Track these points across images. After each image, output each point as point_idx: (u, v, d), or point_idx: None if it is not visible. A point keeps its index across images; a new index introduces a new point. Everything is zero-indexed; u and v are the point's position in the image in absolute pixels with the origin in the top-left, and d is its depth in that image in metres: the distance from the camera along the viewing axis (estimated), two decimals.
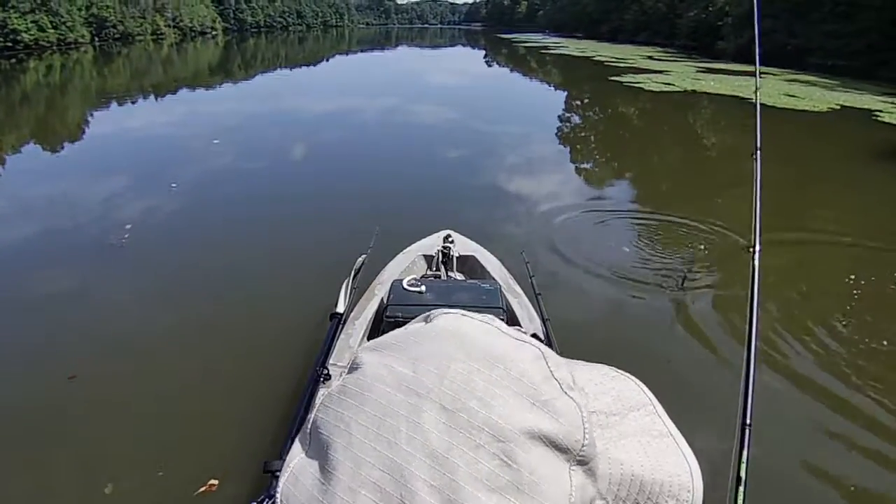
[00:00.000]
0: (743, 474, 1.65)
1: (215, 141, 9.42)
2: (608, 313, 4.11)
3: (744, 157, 2.76)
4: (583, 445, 0.49)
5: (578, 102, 16.21)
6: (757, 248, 2.22)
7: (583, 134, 11.74)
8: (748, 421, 1.75)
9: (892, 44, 26.71)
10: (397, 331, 0.59)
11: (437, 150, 9.54)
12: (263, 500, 1.58)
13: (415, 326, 0.58)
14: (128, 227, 5.44)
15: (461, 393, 0.49)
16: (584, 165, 8.90)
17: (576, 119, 13.47)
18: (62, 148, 9.74)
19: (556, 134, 11.39)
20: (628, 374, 0.64)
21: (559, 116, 13.62)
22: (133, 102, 15.26)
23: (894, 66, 25.55)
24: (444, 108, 14.06)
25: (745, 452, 1.67)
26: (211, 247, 5.25)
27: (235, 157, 8.72)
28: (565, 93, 18.03)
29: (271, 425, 2.71)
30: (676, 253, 5.09)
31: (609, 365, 0.67)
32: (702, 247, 5.21)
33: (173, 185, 6.91)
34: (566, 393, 0.51)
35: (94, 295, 4.25)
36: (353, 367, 0.57)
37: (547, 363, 0.52)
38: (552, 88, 20.45)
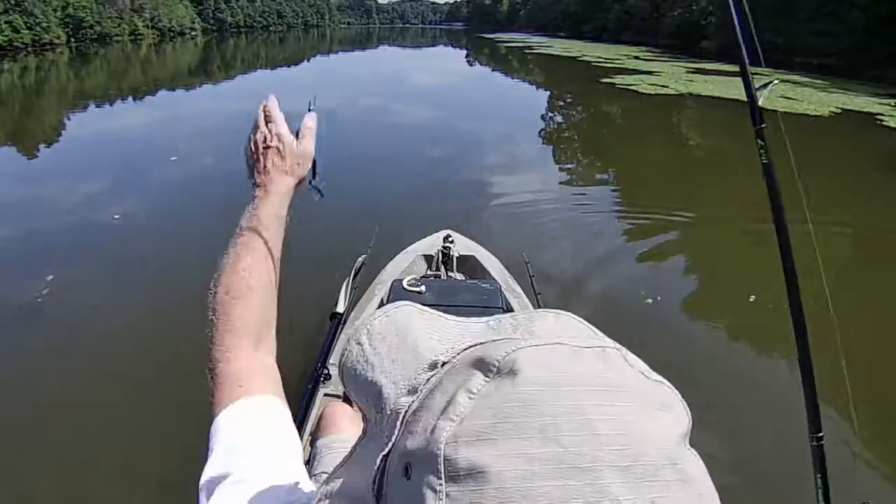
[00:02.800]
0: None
1: (172, 158, 8.41)
2: (610, 310, 4.11)
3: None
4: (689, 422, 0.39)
5: (570, 106, 15.86)
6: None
7: (575, 139, 11.43)
8: (820, 432, 1.42)
9: (878, 42, 26.81)
10: (492, 403, 0.33)
11: (428, 151, 9.35)
12: None
13: (515, 390, 0.33)
14: (116, 217, 5.40)
15: (617, 439, 0.34)
16: (576, 167, 8.64)
17: (570, 124, 13.13)
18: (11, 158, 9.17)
19: (546, 137, 11.12)
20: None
21: (550, 120, 13.30)
22: (110, 105, 14.73)
23: (881, 65, 25.63)
24: (432, 110, 13.79)
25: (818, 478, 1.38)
26: (210, 247, 5.00)
27: (225, 160, 8.30)
28: (556, 96, 17.58)
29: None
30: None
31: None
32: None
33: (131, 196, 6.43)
34: (658, 380, 0.38)
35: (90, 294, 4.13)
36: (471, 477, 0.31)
37: (626, 359, 0.37)
38: (541, 91, 19.97)
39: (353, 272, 3.19)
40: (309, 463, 1.68)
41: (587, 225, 5.92)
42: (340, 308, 2.86)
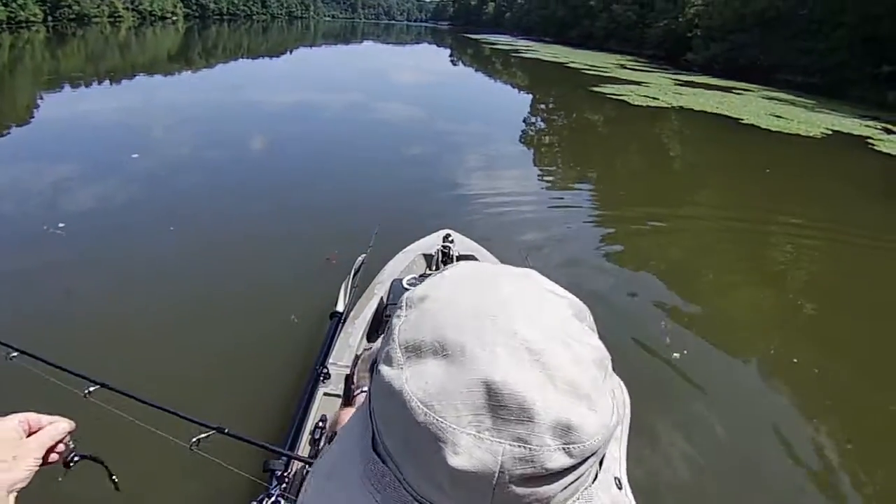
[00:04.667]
0: None
1: (134, 155, 7.48)
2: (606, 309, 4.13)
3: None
4: None
5: (564, 117, 15.46)
6: None
7: (574, 152, 11.15)
8: None
9: (862, 63, 27.08)
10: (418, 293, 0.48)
11: (424, 152, 9.20)
12: (263, 500, 1.61)
13: (432, 281, 0.49)
14: (60, 226, 4.59)
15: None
16: (576, 182, 8.28)
17: (566, 136, 12.76)
18: None
19: (541, 150, 10.87)
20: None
21: (543, 131, 13.01)
22: (87, 87, 14.13)
23: (863, 86, 25.90)
24: (422, 111, 13.48)
25: None
26: (210, 245, 4.94)
27: (220, 153, 8.14)
28: (548, 106, 17.31)
29: (271, 425, 2.63)
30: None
31: None
32: None
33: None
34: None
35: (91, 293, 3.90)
36: None
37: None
38: (533, 99, 19.16)
39: (352, 271, 3.20)
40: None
41: (586, 234, 5.79)
42: (340, 307, 2.87)
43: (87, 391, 1.22)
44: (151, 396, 2.70)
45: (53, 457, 0.76)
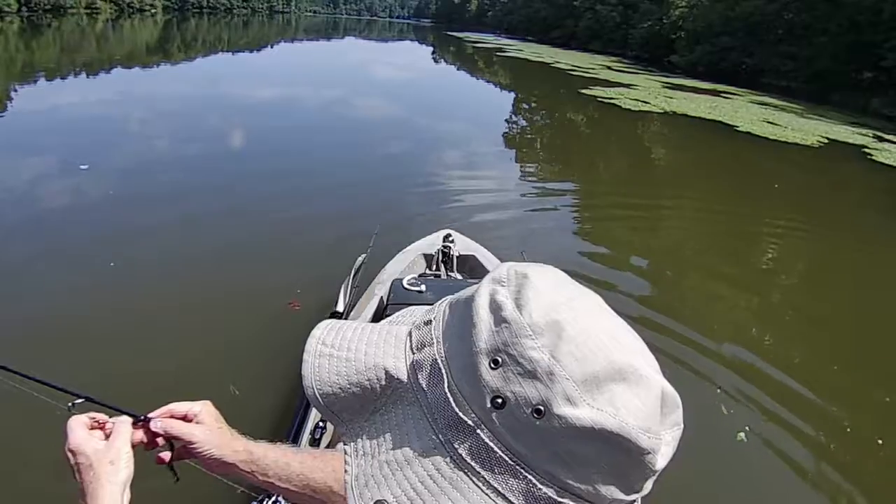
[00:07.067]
0: None
1: (83, 167, 6.38)
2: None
3: None
4: None
5: (559, 121, 15.10)
6: None
7: (563, 153, 10.95)
8: None
9: (844, 69, 27.29)
10: (529, 294, 0.45)
11: (420, 151, 9.01)
12: (263, 500, 1.64)
13: (538, 284, 0.45)
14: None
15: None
16: (574, 189, 8.05)
17: (553, 139, 12.56)
18: None
19: (530, 151, 10.71)
20: None
21: (531, 133, 12.84)
22: (60, 80, 13.48)
23: (845, 92, 26.10)
24: (410, 110, 13.24)
25: None
26: (209, 243, 4.78)
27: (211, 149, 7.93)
28: (541, 109, 16.95)
29: (271, 425, 2.63)
30: None
31: None
32: None
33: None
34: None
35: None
36: None
37: None
38: (522, 100, 18.84)
39: (352, 271, 3.20)
40: None
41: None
42: (340, 307, 2.86)
43: (70, 404, 1.04)
44: (145, 402, 2.37)
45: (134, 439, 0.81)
